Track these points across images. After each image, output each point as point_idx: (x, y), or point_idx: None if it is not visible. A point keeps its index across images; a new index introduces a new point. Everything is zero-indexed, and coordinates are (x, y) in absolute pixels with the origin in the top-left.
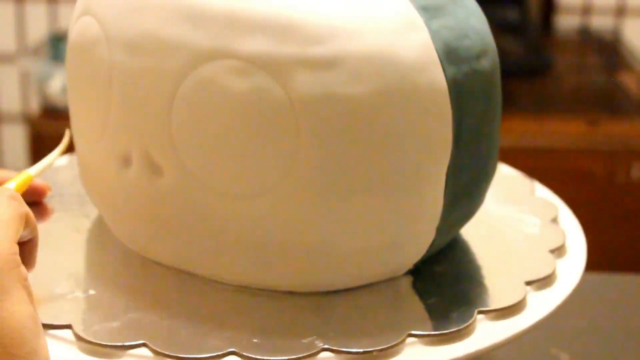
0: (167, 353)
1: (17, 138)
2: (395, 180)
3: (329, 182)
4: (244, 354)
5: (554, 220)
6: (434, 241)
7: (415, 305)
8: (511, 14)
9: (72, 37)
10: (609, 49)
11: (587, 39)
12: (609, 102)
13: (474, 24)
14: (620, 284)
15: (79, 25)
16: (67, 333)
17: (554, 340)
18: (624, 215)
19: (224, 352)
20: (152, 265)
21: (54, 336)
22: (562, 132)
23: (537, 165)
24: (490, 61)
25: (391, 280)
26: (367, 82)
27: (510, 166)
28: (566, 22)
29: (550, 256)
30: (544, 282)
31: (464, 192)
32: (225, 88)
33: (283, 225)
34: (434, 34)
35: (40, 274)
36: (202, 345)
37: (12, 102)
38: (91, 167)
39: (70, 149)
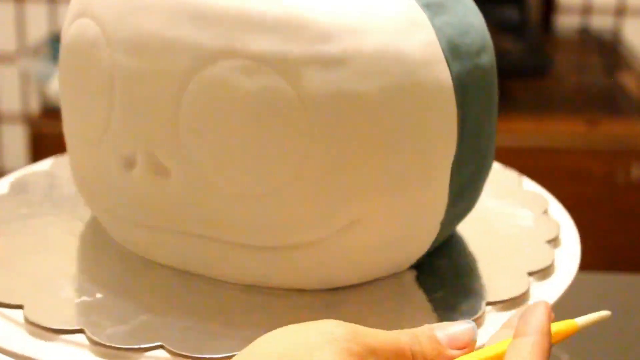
0: (185, 354)
1: (17, 138)
2: (404, 175)
3: (340, 179)
4: None
5: (545, 212)
6: (438, 235)
7: (421, 299)
8: (511, 14)
9: (68, 39)
10: (609, 49)
11: (587, 39)
12: (609, 102)
13: (473, 21)
14: (620, 284)
15: (75, 28)
16: (79, 337)
17: None
18: (624, 215)
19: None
20: (154, 267)
21: (66, 341)
22: (562, 132)
23: (537, 165)
24: (489, 57)
25: (395, 275)
26: (375, 79)
27: (510, 166)
28: (566, 22)
29: (548, 247)
30: (544, 272)
31: (466, 185)
32: (234, 87)
33: (294, 223)
34: (438, 31)
35: (41, 278)
36: (218, 345)
37: (12, 102)
38: (90, 170)
39: (58, 151)
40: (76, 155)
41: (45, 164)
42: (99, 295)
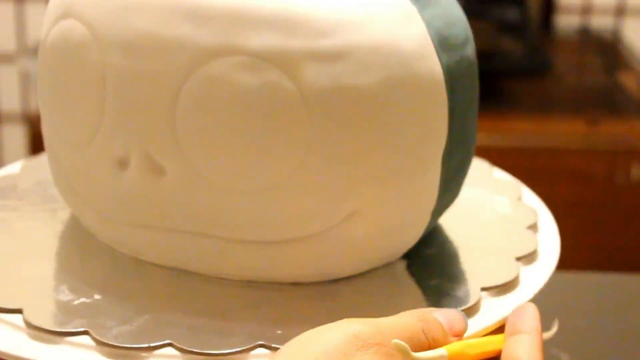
0: (197, 351)
1: (17, 138)
2: (400, 166)
3: (341, 171)
4: (273, 345)
5: (520, 199)
6: (428, 224)
7: (414, 288)
8: (511, 14)
9: (50, 41)
10: (609, 49)
11: (587, 39)
12: (609, 102)
13: (457, 13)
14: (620, 284)
15: (58, 29)
16: (84, 339)
17: (554, 340)
18: (624, 215)
19: (253, 345)
20: (147, 267)
21: (71, 343)
22: (562, 132)
23: (537, 165)
24: (472, 48)
25: (387, 265)
26: (373, 72)
27: (510, 166)
28: (566, 22)
29: (530, 232)
30: (530, 257)
31: (454, 175)
32: (235, 84)
33: (295, 217)
34: (427, 24)
35: (34, 281)
36: (227, 341)
37: (12, 102)
38: (78, 171)
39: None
40: (61, 158)
41: (15, 167)
42: (97, 297)
